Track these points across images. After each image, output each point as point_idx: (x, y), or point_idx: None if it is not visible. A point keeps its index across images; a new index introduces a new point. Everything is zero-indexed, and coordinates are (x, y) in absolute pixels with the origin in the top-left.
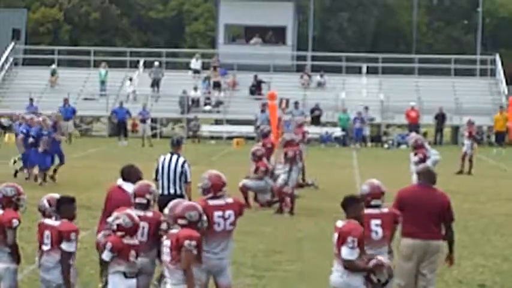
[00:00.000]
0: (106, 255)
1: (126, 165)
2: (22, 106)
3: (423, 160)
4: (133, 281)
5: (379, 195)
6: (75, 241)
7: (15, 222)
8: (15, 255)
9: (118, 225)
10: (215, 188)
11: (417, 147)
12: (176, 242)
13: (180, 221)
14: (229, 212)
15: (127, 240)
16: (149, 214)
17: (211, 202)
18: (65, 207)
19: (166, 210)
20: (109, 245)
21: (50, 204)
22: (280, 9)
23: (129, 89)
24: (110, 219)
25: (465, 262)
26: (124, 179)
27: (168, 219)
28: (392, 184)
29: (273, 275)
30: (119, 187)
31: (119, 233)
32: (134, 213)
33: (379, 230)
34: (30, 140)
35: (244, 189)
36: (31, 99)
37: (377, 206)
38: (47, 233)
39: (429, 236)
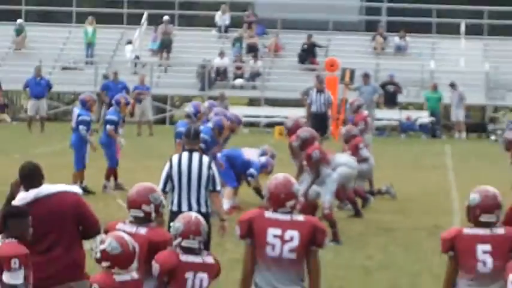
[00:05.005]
0: None
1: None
2: None
3: None
4: None
5: (492, 209)
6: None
7: None
8: None
9: (104, 251)
10: None
11: None
12: None
13: None
14: None
15: (119, 276)
16: (143, 230)
17: None
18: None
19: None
20: (94, 287)
21: None
22: None
23: (130, 54)
24: (92, 245)
25: None
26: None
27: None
28: (502, 193)
29: None
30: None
31: (105, 264)
32: (127, 231)
33: (489, 260)
34: None
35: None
36: None
37: (488, 225)
38: None
39: None
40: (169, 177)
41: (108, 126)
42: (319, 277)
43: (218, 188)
